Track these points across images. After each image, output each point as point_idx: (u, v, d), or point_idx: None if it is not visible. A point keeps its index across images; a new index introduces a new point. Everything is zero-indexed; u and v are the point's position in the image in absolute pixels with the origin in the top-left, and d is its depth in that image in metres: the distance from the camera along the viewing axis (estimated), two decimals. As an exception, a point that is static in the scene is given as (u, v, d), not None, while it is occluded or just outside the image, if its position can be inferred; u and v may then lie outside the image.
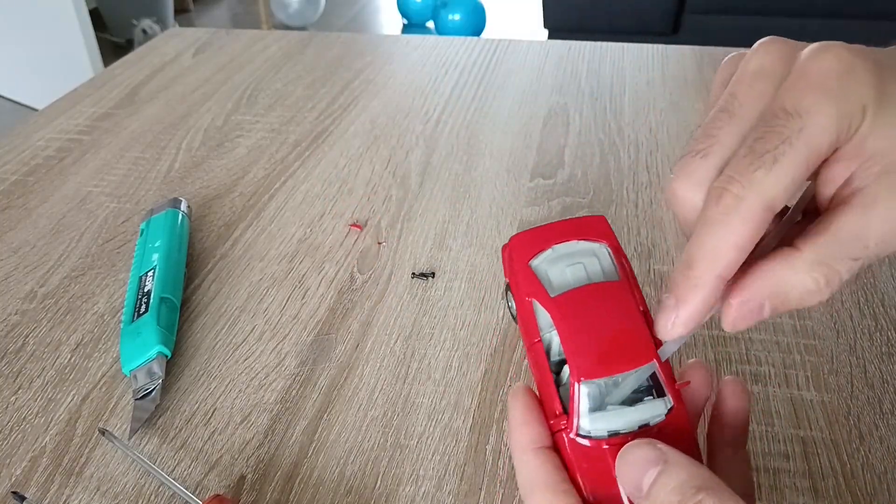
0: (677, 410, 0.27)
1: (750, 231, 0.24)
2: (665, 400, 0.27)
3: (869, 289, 0.50)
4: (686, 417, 0.27)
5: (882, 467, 0.38)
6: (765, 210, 0.24)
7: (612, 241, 0.29)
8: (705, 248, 0.24)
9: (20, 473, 0.39)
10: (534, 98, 0.78)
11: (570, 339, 0.27)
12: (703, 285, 0.24)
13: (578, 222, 0.30)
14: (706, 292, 0.25)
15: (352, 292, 0.51)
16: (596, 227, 0.30)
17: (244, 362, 0.46)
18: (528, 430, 0.27)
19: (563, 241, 0.29)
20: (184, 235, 0.54)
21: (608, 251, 0.29)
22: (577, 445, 0.26)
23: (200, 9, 3.70)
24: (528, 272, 0.29)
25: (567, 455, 0.27)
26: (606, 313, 0.27)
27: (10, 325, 0.49)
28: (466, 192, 0.62)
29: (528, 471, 0.27)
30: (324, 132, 0.72)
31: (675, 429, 0.27)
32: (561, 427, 0.27)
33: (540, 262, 0.29)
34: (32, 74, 2.53)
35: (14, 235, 0.58)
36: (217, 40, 0.96)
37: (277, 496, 0.38)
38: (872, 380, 0.43)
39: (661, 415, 0.27)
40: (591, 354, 0.27)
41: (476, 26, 3.21)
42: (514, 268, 0.30)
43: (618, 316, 0.27)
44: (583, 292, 0.28)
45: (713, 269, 0.24)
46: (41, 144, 0.71)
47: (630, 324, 0.27)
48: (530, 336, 0.28)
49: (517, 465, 0.27)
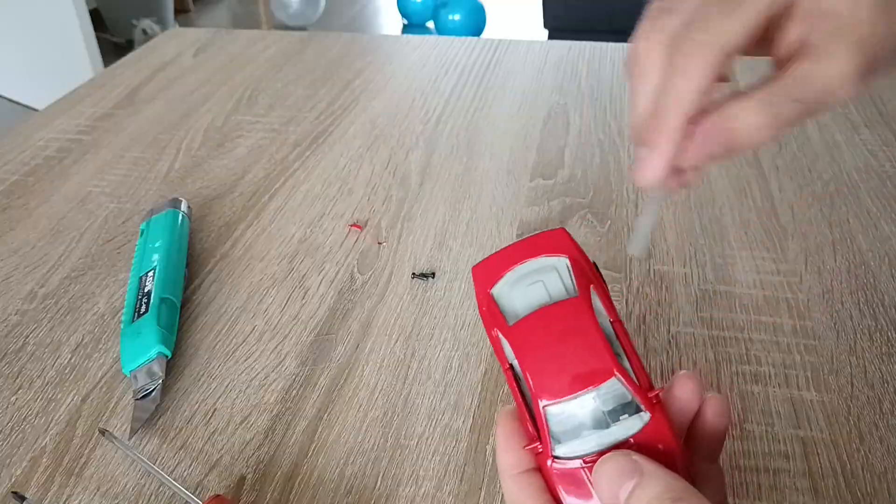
0: (655, 421, 0.26)
1: (711, 75, 0.26)
2: (641, 415, 0.26)
3: (869, 289, 0.50)
4: (666, 425, 0.26)
5: (882, 467, 0.38)
6: (725, 55, 0.26)
7: (572, 253, 0.29)
8: (671, 94, 0.27)
9: (20, 473, 0.39)
10: (534, 98, 0.78)
11: (529, 366, 0.27)
12: (673, 128, 0.27)
13: (537, 239, 0.30)
14: (676, 134, 0.27)
15: (352, 292, 0.51)
16: (556, 241, 0.30)
17: (244, 363, 0.46)
18: (510, 456, 0.28)
19: (522, 261, 0.29)
20: (184, 235, 0.54)
21: (567, 265, 0.29)
22: (555, 469, 0.26)
23: (200, 9, 3.70)
24: (490, 302, 0.29)
25: (547, 477, 0.27)
26: (564, 334, 0.27)
27: (11, 325, 0.49)
28: (466, 192, 0.62)
29: (512, 494, 0.27)
30: (324, 132, 0.72)
31: (653, 439, 0.26)
32: (538, 452, 0.27)
33: (501, 287, 0.29)
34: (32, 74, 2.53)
35: (14, 235, 0.58)
36: (217, 40, 0.96)
37: (277, 496, 0.38)
38: (872, 380, 0.43)
39: (637, 429, 0.26)
40: (550, 377, 0.27)
41: (476, 26, 3.21)
42: (479, 298, 0.30)
43: (576, 335, 0.27)
44: (540, 315, 0.28)
45: (680, 112, 0.27)
46: (41, 144, 0.71)
47: (588, 341, 0.27)
48: (502, 363, 0.29)
49: (503, 488, 0.28)
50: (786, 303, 0.49)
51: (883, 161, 0.65)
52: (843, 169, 0.64)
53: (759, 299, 0.49)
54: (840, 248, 0.54)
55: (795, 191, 0.61)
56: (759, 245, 0.54)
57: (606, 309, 0.28)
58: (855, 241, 0.54)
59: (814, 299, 0.49)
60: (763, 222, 0.57)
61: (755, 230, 0.56)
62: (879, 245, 0.54)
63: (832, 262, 0.53)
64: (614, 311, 0.28)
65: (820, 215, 0.58)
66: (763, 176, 0.63)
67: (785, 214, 0.58)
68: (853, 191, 0.60)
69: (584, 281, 0.28)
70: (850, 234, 0.55)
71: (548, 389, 0.27)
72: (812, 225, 0.56)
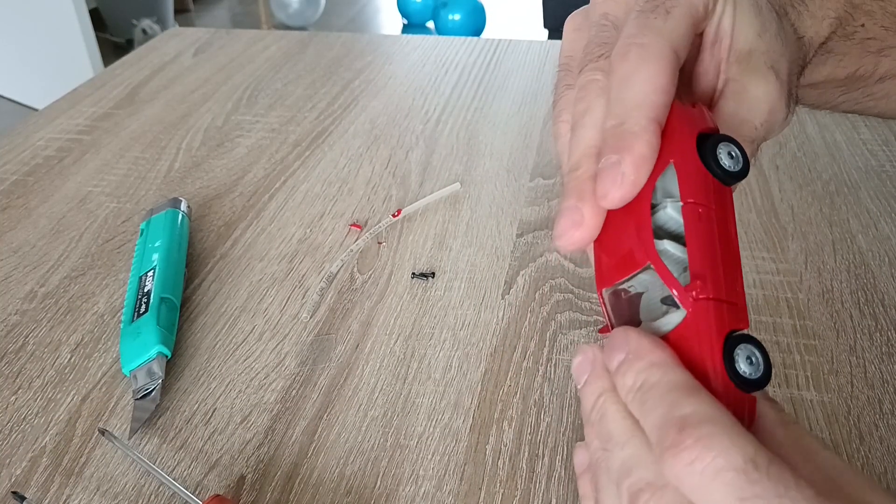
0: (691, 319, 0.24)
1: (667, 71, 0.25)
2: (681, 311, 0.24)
3: (869, 289, 0.50)
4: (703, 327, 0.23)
5: (882, 467, 0.38)
6: (672, 51, 0.25)
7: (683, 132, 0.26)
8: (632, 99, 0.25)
9: (20, 473, 0.39)
10: (534, 98, 0.78)
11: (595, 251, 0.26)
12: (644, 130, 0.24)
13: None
14: (649, 136, 0.24)
15: (352, 292, 0.51)
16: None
17: (244, 362, 0.46)
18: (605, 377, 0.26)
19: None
20: (184, 235, 0.54)
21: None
22: None
23: (200, 9, 3.70)
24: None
25: None
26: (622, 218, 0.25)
27: (10, 325, 0.49)
28: (466, 191, 0.62)
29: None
30: (324, 132, 0.72)
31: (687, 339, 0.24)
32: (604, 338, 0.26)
33: None
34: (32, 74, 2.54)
35: (14, 235, 0.58)
36: (217, 40, 0.96)
37: (277, 496, 0.38)
38: (872, 380, 0.43)
39: (672, 325, 0.24)
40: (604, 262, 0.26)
41: (476, 26, 3.21)
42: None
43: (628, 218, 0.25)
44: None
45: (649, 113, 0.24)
46: (41, 144, 0.71)
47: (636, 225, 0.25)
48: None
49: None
50: (786, 303, 0.49)
51: (883, 161, 0.65)
52: (843, 169, 0.64)
53: (759, 299, 0.49)
54: (840, 248, 0.54)
55: (795, 191, 0.61)
56: (759, 245, 0.54)
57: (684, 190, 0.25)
58: (855, 241, 0.54)
59: (814, 299, 0.49)
60: (763, 222, 0.57)
61: (755, 230, 0.56)
62: (879, 245, 0.54)
63: (832, 262, 0.53)
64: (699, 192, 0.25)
65: (820, 215, 0.58)
66: (763, 176, 0.63)
67: (785, 214, 0.58)
68: (853, 191, 0.60)
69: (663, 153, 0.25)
70: (850, 234, 0.55)
71: (604, 275, 0.26)
72: (812, 225, 0.56)
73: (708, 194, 0.25)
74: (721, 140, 0.25)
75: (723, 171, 0.25)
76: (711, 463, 0.19)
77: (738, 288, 0.24)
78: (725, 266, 0.24)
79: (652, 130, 0.24)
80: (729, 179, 0.25)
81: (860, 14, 0.34)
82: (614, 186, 0.24)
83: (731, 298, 0.24)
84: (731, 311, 0.24)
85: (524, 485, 0.38)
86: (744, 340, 0.24)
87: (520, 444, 0.40)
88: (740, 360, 0.23)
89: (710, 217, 0.25)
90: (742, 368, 0.23)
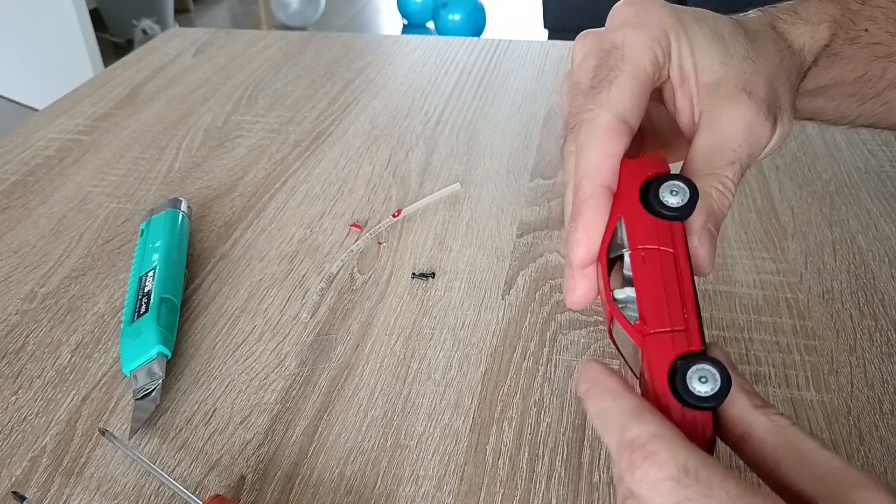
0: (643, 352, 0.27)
1: (613, 138, 0.28)
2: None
3: (869, 289, 0.50)
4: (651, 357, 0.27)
5: (882, 467, 0.38)
6: (619, 121, 0.28)
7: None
8: (583, 168, 0.29)
9: (20, 473, 0.39)
10: (534, 98, 0.78)
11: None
12: (593, 195, 0.28)
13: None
14: (597, 200, 0.28)
15: (352, 292, 0.51)
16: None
17: (244, 362, 0.46)
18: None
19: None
20: (184, 235, 0.54)
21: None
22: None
23: (200, 9, 3.70)
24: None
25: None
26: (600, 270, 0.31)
27: (10, 325, 0.49)
28: (466, 191, 0.62)
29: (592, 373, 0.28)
30: (324, 132, 0.72)
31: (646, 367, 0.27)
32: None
33: None
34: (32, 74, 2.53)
35: (14, 235, 0.58)
36: (217, 40, 0.96)
37: (277, 496, 0.38)
38: (872, 380, 0.43)
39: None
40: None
41: (476, 26, 3.21)
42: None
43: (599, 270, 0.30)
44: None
45: (596, 179, 0.28)
46: (41, 144, 0.71)
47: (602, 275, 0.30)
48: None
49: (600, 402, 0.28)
50: (786, 303, 0.49)
51: (883, 161, 0.65)
52: (843, 169, 0.64)
53: (759, 299, 0.49)
54: (840, 248, 0.54)
55: (795, 191, 0.61)
56: (759, 245, 0.54)
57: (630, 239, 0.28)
58: (855, 241, 0.54)
59: (814, 299, 0.49)
60: (763, 222, 0.57)
61: (755, 230, 0.56)
62: (879, 245, 0.54)
63: (832, 262, 0.53)
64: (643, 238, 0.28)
65: (820, 215, 0.58)
66: (763, 176, 0.63)
67: (785, 214, 0.58)
68: (853, 191, 0.60)
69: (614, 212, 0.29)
70: (850, 234, 0.55)
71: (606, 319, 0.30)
72: (812, 225, 0.56)
73: (654, 237, 0.28)
74: (663, 181, 0.28)
75: (666, 209, 0.28)
76: (654, 475, 0.22)
77: (689, 314, 0.27)
78: (671, 299, 0.27)
79: (599, 194, 0.28)
80: (674, 215, 0.28)
81: (861, 19, 0.35)
82: (573, 250, 0.29)
83: (678, 327, 0.27)
84: (679, 338, 0.27)
85: (524, 485, 0.38)
86: (698, 361, 0.26)
87: (520, 444, 0.40)
88: (693, 381, 0.26)
89: (654, 258, 0.28)
90: (695, 387, 0.26)
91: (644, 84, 0.30)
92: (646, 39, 0.30)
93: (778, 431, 0.24)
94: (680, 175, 0.29)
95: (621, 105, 0.29)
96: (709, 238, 0.29)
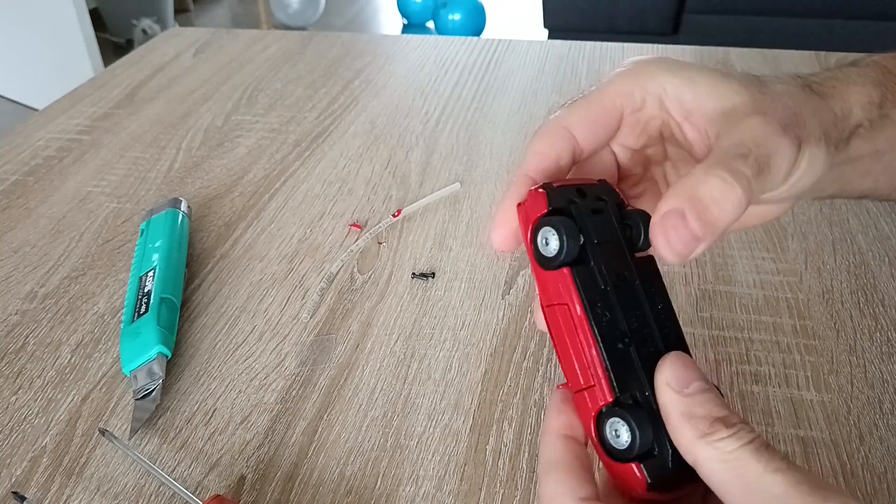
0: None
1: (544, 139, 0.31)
2: None
3: (869, 289, 0.50)
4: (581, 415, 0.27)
5: (882, 467, 0.38)
6: (559, 126, 0.31)
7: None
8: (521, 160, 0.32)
9: (20, 473, 0.39)
10: (534, 98, 0.78)
11: None
12: (514, 181, 0.31)
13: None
14: (517, 185, 0.30)
15: (352, 292, 0.51)
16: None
17: (244, 362, 0.46)
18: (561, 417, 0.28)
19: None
20: (184, 235, 0.54)
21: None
22: None
23: (200, 9, 3.70)
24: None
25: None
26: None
27: (11, 325, 0.49)
28: (466, 191, 0.62)
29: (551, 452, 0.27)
30: (324, 132, 0.72)
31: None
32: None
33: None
34: (32, 74, 2.53)
35: (14, 235, 0.58)
36: (217, 40, 0.96)
37: (277, 496, 0.38)
38: (872, 380, 0.43)
39: None
40: None
41: (476, 26, 3.21)
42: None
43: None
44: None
45: (521, 168, 0.31)
46: (41, 144, 0.71)
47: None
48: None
49: (543, 446, 0.28)
50: (786, 303, 0.49)
51: (883, 161, 0.65)
52: (843, 169, 0.64)
53: (759, 299, 0.49)
54: (840, 248, 0.54)
55: (795, 191, 0.61)
56: (759, 245, 0.54)
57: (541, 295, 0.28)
58: (855, 241, 0.54)
59: (814, 299, 0.49)
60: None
61: (755, 230, 0.56)
62: (879, 245, 0.54)
63: (832, 262, 0.53)
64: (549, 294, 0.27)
65: (820, 215, 0.58)
66: (763, 176, 0.63)
67: (785, 214, 0.58)
68: (853, 191, 0.60)
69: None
70: (850, 234, 0.55)
71: None
72: (812, 225, 0.56)
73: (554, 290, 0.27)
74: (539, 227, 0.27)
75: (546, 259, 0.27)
76: None
77: (593, 370, 0.26)
78: (578, 355, 0.26)
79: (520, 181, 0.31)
80: (556, 263, 0.26)
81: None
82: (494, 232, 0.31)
83: (588, 383, 0.26)
84: (592, 394, 0.26)
85: (524, 485, 0.38)
86: (611, 414, 0.25)
87: (520, 445, 0.40)
88: (607, 434, 0.26)
89: (555, 316, 0.27)
90: (609, 442, 0.25)
91: (604, 109, 0.32)
92: (626, 78, 0.32)
93: (723, 459, 0.23)
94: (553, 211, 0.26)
95: (568, 117, 0.32)
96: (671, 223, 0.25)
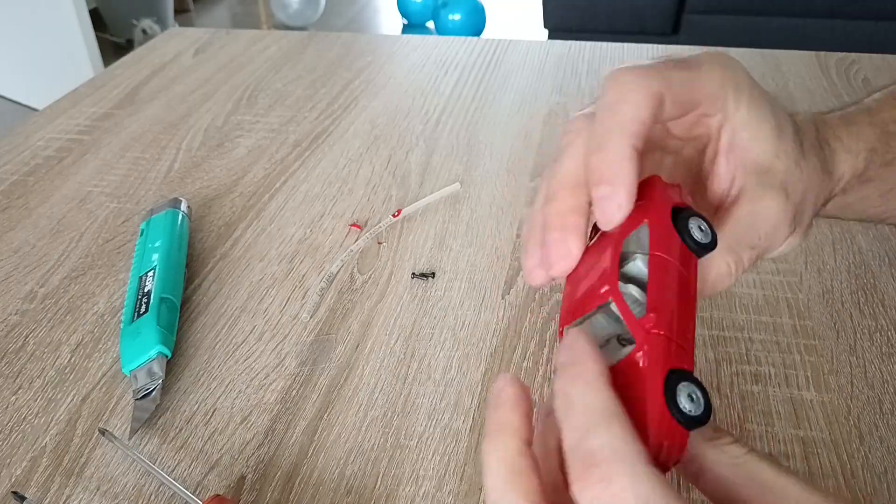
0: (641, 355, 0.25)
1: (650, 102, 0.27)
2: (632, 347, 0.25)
3: (869, 289, 0.50)
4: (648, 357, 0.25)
5: (882, 467, 0.38)
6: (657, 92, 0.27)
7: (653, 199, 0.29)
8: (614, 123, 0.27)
9: (20, 473, 0.39)
10: (534, 98, 0.78)
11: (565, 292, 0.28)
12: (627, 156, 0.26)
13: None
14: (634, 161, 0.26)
15: (352, 292, 0.51)
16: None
17: (244, 362, 0.46)
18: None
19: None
20: (184, 235, 0.54)
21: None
22: None
23: (200, 9, 3.70)
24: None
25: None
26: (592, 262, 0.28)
27: (10, 325, 0.49)
28: (466, 191, 0.62)
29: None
30: (324, 132, 0.72)
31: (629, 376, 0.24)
32: None
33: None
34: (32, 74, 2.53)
35: (14, 235, 0.58)
36: (217, 40, 0.96)
37: (277, 496, 0.38)
38: (872, 380, 0.43)
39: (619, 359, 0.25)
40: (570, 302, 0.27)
41: (476, 26, 3.21)
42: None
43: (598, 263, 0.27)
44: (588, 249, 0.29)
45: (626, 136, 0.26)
46: (41, 144, 0.71)
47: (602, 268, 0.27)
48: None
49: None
50: (786, 303, 0.49)
51: (883, 161, 0.65)
52: (843, 169, 0.64)
53: (759, 299, 0.49)
54: (840, 248, 0.54)
55: (795, 191, 0.61)
56: (759, 245, 0.54)
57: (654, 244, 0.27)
58: (855, 241, 0.54)
59: (814, 299, 0.49)
60: (763, 222, 0.57)
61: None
62: (879, 245, 0.54)
63: (832, 262, 0.52)
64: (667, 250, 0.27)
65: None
66: (763, 176, 0.63)
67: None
68: (853, 191, 0.60)
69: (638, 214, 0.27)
70: (850, 234, 0.55)
71: (569, 312, 0.27)
72: (812, 224, 0.56)
73: (675, 254, 0.27)
74: (693, 215, 0.28)
75: (693, 241, 0.28)
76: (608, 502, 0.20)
77: (689, 336, 0.26)
78: (680, 315, 0.26)
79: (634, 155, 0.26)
80: (698, 249, 0.28)
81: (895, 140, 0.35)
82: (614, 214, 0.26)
83: (680, 341, 0.25)
84: (679, 352, 0.25)
85: (524, 485, 0.38)
86: (687, 379, 0.25)
87: (520, 444, 0.40)
88: (682, 396, 0.24)
89: (673, 272, 0.26)
90: (683, 404, 0.24)
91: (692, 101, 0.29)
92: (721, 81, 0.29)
93: (733, 463, 0.24)
94: (706, 217, 0.28)
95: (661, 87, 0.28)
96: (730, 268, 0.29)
